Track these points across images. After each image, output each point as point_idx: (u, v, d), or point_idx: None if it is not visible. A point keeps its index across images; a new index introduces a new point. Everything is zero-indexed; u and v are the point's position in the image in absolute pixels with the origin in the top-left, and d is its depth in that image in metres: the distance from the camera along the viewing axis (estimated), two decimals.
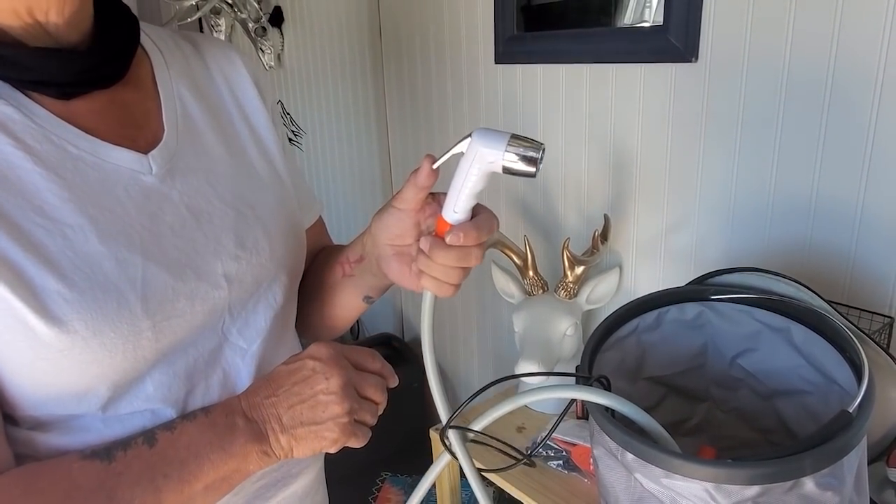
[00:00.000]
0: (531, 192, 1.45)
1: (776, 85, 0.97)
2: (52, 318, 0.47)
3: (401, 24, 1.74)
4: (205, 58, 0.68)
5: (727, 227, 1.09)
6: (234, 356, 0.60)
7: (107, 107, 0.56)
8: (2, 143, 0.49)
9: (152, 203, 0.55)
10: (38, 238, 0.48)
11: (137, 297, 0.51)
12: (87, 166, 0.52)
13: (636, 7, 1.17)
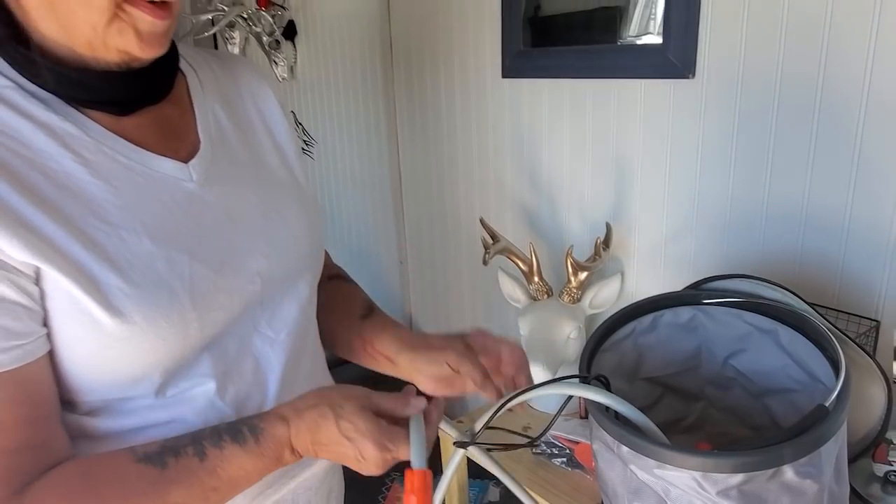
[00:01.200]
0: (537, 201, 1.51)
1: (769, 100, 1.02)
2: (114, 311, 0.53)
3: (411, 38, 1.80)
4: (234, 75, 0.75)
5: (724, 236, 1.14)
6: (263, 345, 0.66)
7: (152, 121, 0.62)
8: (63, 157, 0.55)
9: (194, 207, 0.61)
10: (99, 241, 0.54)
11: (186, 292, 0.57)
12: (136, 175, 0.58)
13: (641, 19, 1.22)
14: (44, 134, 0.54)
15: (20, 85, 0.55)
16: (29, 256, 0.50)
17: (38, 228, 0.51)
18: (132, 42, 0.54)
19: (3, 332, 0.50)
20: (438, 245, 1.93)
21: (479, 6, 1.52)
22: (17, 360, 0.51)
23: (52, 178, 0.54)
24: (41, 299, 0.52)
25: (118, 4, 0.52)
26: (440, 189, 1.84)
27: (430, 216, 1.92)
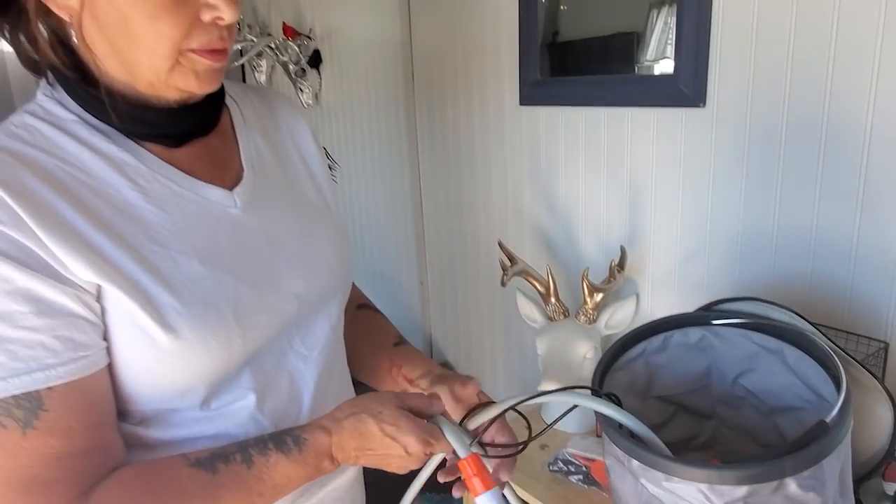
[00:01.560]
0: (553, 224, 1.55)
1: (777, 128, 1.06)
2: (168, 328, 0.58)
3: (432, 66, 1.87)
4: (272, 108, 0.81)
5: (736, 259, 1.17)
6: (297, 361, 0.71)
7: (200, 152, 0.68)
8: (121, 185, 0.60)
9: (238, 231, 0.66)
10: (154, 262, 0.59)
11: (231, 311, 0.62)
12: (187, 202, 0.64)
13: (658, 43, 1.26)
14: (105, 164, 0.60)
15: (84, 119, 0.60)
16: (92, 275, 0.55)
17: (101, 250, 0.56)
18: (192, 83, 0.60)
19: (71, 344, 0.54)
20: (458, 267, 1.97)
21: (498, 36, 1.58)
22: (84, 370, 0.55)
23: (112, 204, 0.59)
24: (102, 315, 0.57)
25: (180, 52, 0.57)
26: (460, 212, 1.89)
27: (450, 239, 1.97)
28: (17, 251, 0.52)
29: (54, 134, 0.59)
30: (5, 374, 0.52)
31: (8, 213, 0.53)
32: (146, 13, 0.55)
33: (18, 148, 0.57)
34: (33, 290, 0.53)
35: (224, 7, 0.56)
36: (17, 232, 0.53)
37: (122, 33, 0.56)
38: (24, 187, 0.54)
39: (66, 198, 0.56)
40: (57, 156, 0.58)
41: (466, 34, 1.69)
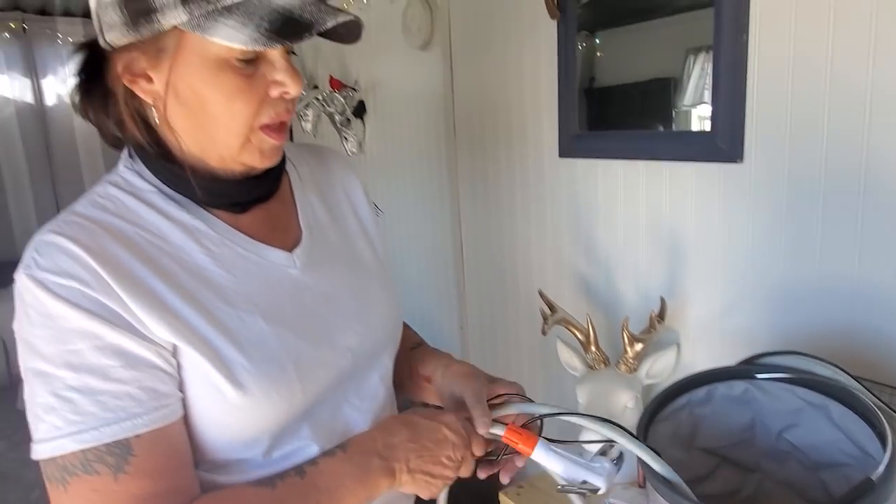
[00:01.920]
0: (593, 273, 1.58)
1: (816, 181, 1.08)
2: (236, 384, 0.63)
3: (473, 117, 1.94)
4: (327, 167, 0.87)
5: (777, 311, 1.18)
6: (351, 412, 0.75)
7: (263, 216, 0.73)
8: (193, 250, 0.66)
9: (298, 291, 0.71)
10: (224, 322, 0.64)
11: (293, 366, 0.67)
12: (251, 264, 0.69)
13: (696, 89, 1.30)
14: (179, 230, 0.66)
15: (160, 189, 0.67)
16: (169, 335, 0.60)
17: (177, 311, 0.62)
18: (256, 159, 0.66)
19: (154, 394, 0.60)
20: (498, 314, 2.00)
21: (537, 88, 1.64)
22: (165, 419, 0.60)
23: (186, 267, 0.65)
24: (177, 370, 0.62)
25: (251, 129, 0.64)
26: (500, 259, 1.93)
27: (491, 285, 2.01)
28: (105, 311, 0.58)
29: (134, 204, 0.65)
30: (97, 423, 0.57)
31: (95, 278, 0.58)
32: (223, 95, 0.61)
33: (103, 217, 0.63)
34: (120, 346, 0.58)
35: (290, 82, 0.63)
36: (103, 295, 0.58)
37: (201, 114, 0.63)
38: (108, 253, 0.60)
39: (145, 262, 0.62)
40: (137, 223, 0.64)
41: (507, 87, 1.76)
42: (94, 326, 0.57)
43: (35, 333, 0.58)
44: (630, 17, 1.50)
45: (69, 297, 0.57)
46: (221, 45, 0.58)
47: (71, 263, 0.58)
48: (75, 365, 0.57)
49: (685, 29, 1.34)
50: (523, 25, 1.66)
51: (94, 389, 0.57)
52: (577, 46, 1.50)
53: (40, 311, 0.57)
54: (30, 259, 0.59)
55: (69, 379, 0.57)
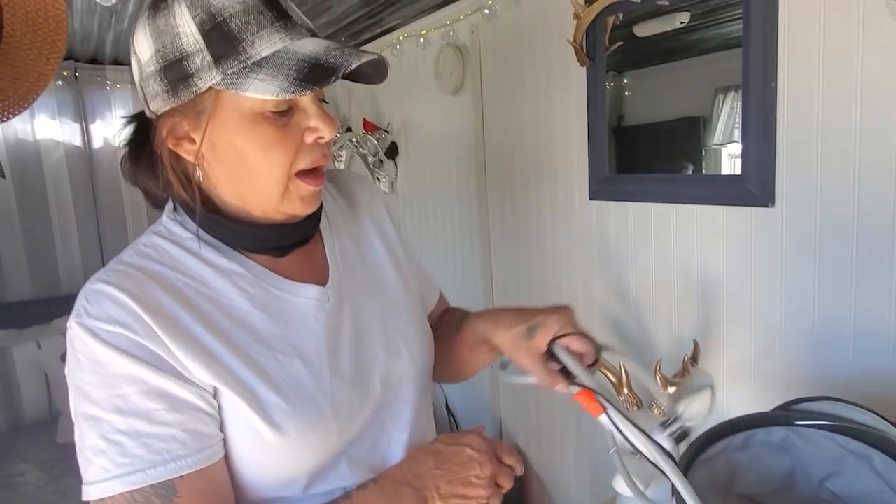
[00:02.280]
0: (624, 315, 1.58)
1: (848, 224, 1.08)
2: (273, 425, 0.65)
3: (503, 159, 1.98)
4: (351, 195, 0.88)
5: (812, 354, 1.17)
6: (389, 445, 0.76)
7: (299, 256, 0.76)
8: (232, 293, 0.68)
9: (331, 326, 0.73)
10: (262, 364, 0.66)
11: (329, 406, 0.68)
12: (287, 304, 0.71)
13: (725, 128, 1.32)
14: (217, 275, 0.69)
15: (199, 236, 0.70)
16: (210, 378, 0.63)
17: (217, 355, 0.64)
18: (297, 206, 0.69)
19: (198, 436, 0.62)
20: None
21: (567, 130, 1.68)
22: (208, 459, 0.63)
23: (225, 311, 0.67)
24: (218, 411, 0.65)
25: (289, 177, 0.66)
26: (531, 300, 1.94)
27: None
28: (150, 356, 0.61)
29: (176, 251, 0.69)
30: (144, 465, 0.60)
31: (141, 325, 0.62)
32: (260, 147, 0.64)
33: (148, 265, 0.67)
34: (165, 389, 0.62)
35: (323, 127, 0.66)
36: (148, 340, 0.61)
37: (242, 167, 0.66)
38: (152, 300, 0.63)
39: (186, 307, 0.65)
40: (179, 270, 0.68)
41: (537, 131, 1.80)
42: (139, 371, 0.61)
43: (85, 379, 0.61)
44: (658, 57, 1.53)
45: (116, 343, 0.61)
46: (255, 99, 0.61)
47: (118, 310, 0.61)
48: (123, 409, 0.60)
49: (713, 68, 1.36)
50: (552, 70, 1.70)
51: (140, 433, 0.60)
52: (605, 90, 1.53)
53: (90, 358, 0.61)
54: (80, 307, 0.63)
55: (117, 422, 0.60)
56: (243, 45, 0.60)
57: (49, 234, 3.00)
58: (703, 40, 1.42)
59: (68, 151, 3.01)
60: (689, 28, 1.39)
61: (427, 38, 2.20)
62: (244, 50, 0.61)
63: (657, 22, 1.44)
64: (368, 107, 2.86)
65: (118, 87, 3.06)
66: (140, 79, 0.66)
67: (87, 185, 3.05)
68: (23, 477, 2.27)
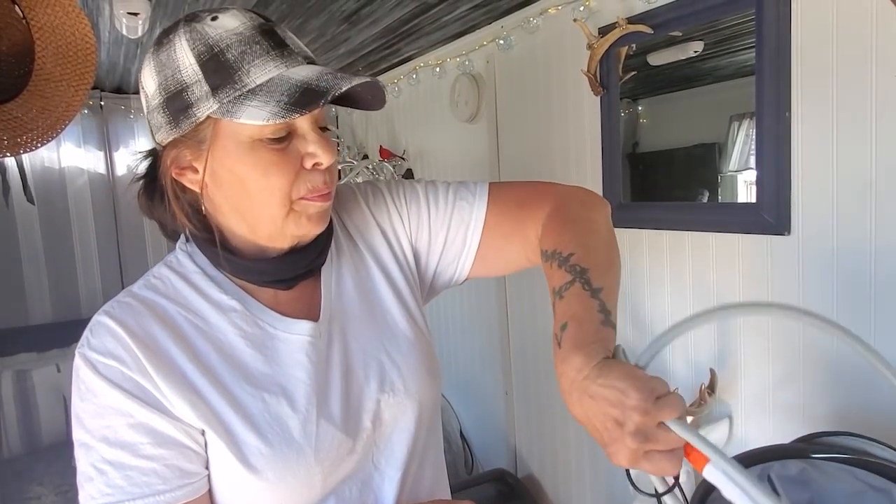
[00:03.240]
0: (640, 342, 1.57)
1: (866, 253, 1.07)
2: (251, 468, 0.64)
3: None
4: (343, 220, 0.82)
5: (832, 385, 1.15)
6: (381, 481, 0.74)
7: (299, 291, 0.74)
8: (228, 330, 0.68)
9: (322, 363, 0.71)
10: (245, 403, 0.66)
11: (312, 450, 0.67)
12: (280, 342, 0.70)
13: (741, 155, 1.32)
14: (215, 311, 0.69)
15: (204, 270, 0.71)
16: (195, 418, 0.64)
17: (203, 394, 0.64)
18: (304, 226, 0.67)
19: (179, 472, 0.63)
20: (543, 378, 1.99)
21: (581, 158, 1.69)
22: (188, 496, 0.63)
23: (218, 347, 0.67)
24: (205, 448, 0.65)
25: (292, 201, 0.66)
26: (546, 325, 1.94)
27: (535, 350, 2.01)
28: (139, 391, 0.63)
29: (181, 285, 0.70)
30: (124, 497, 0.61)
31: (134, 360, 0.63)
32: (258, 171, 0.64)
33: (151, 298, 0.68)
34: (151, 424, 0.63)
35: (321, 153, 0.65)
36: (139, 376, 0.63)
37: (243, 193, 0.66)
38: (148, 337, 0.65)
39: (180, 344, 0.66)
40: (181, 304, 0.69)
41: (551, 159, 1.82)
42: (127, 405, 0.62)
43: (82, 407, 0.63)
44: (672, 84, 1.55)
45: (110, 375, 0.62)
46: (253, 126, 0.62)
47: (115, 344, 0.63)
48: (110, 440, 0.62)
49: (728, 96, 1.37)
50: (567, 99, 1.72)
51: (124, 464, 0.61)
52: (619, 119, 1.54)
53: (87, 387, 0.63)
54: (85, 338, 0.65)
55: (105, 452, 0.61)
56: (239, 74, 0.61)
57: (71, 259, 3.06)
58: (717, 68, 1.43)
59: (92, 178, 3.08)
60: (703, 56, 1.41)
61: (443, 68, 2.24)
62: (240, 79, 0.61)
63: (671, 51, 1.46)
64: (385, 134, 2.90)
65: (142, 116, 3.13)
66: (147, 112, 0.68)
67: (110, 211, 3.11)
68: (38, 501, 2.28)
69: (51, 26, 1.32)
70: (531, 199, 0.82)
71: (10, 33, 1.23)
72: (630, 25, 1.41)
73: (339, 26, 1.99)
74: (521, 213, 0.81)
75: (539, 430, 2.05)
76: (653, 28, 1.38)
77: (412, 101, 2.61)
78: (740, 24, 1.29)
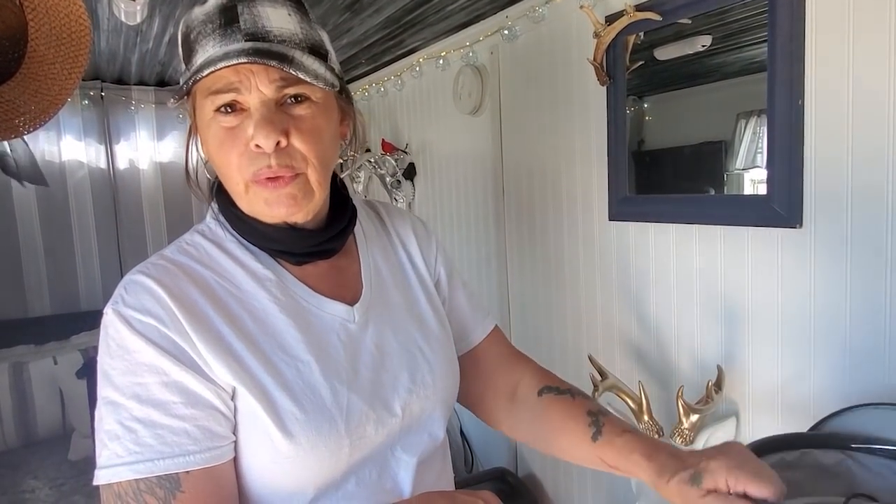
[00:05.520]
0: (645, 339, 1.53)
1: (881, 245, 1.03)
2: (286, 433, 0.63)
3: (522, 179, 1.96)
4: (387, 224, 0.88)
5: (843, 379, 1.12)
6: (398, 468, 0.74)
7: (328, 270, 0.76)
8: (262, 297, 0.69)
9: (354, 345, 0.72)
10: (280, 369, 0.66)
11: (343, 421, 0.67)
12: (312, 316, 0.71)
13: (748, 153, 1.28)
14: (250, 278, 0.70)
15: (238, 240, 0.72)
16: (230, 378, 0.63)
17: (240, 357, 0.65)
18: (263, 210, 0.68)
19: (210, 434, 0.62)
20: None
21: (587, 152, 1.65)
22: (217, 459, 0.62)
23: (253, 314, 0.68)
24: (234, 413, 0.64)
25: (246, 186, 0.67)
26: (548, 323, 1.91)
27: (538, 349, 1.97)
28: (175, 350, 0.62)
29: (215, 252, 0.71)
30: (153, 455, 0.59)
31: (171, 318, 0.63)
32: (214, 145, 0.67)
33: (186, 262, 0.69)
34: (185, 384, 0.62)
35: (256, 133, 0.64)
36: (176, 335, 0.62)
37: (214, 159, 0.69)
38: (186, 297, 0.65)
39: (217, 308, 0.66)
40: (215, 270, 0.69)
41: (556, 151, 1.78)
42: (163, 363, 0.61)
43: (112, 364, 0.62)
44: (679, 81, 1.51)
45: (146, 332, 0.62)
46: (212, 99, 0.65)
47: (153, 302, 0.63)
48: (142, 397, 0.61)
49: (735, 93, 1.34)
50: (572, 90, 1.69)
51: (155, 422, 0.60)
52: (626, 109, 1.51)
53: (119, 344, 0.62)
54: (118, 295, 0.65)
55: (135, 410, 0.60)
56: (193, 55, 0.66)
57: (70, 252, 3.03)
58: (724, 64, 1.40)
59: (92, 171, 3.05)
60: (710, 51, 1.37)
61: (447, 60, 2.21)
62: (192, 59, 0.66)
63: (678, 45, 1.42)
64: (387, 128, 2.87)
65: (142, 108, 3.11)
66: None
67: (110, 204, 3.09)
68: (32, 494, 2.25)
69: (45, 8, 1.29)
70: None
71: (4, 15, 1.21)
72: (638, 13, 1.37)
73: (342, 15, 1.96)
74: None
75: None
76: (661, 15, 1.34)
77: (415, 95, 2.58)
78: (749, 18, 1.26)
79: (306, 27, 0.68)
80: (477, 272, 2.29)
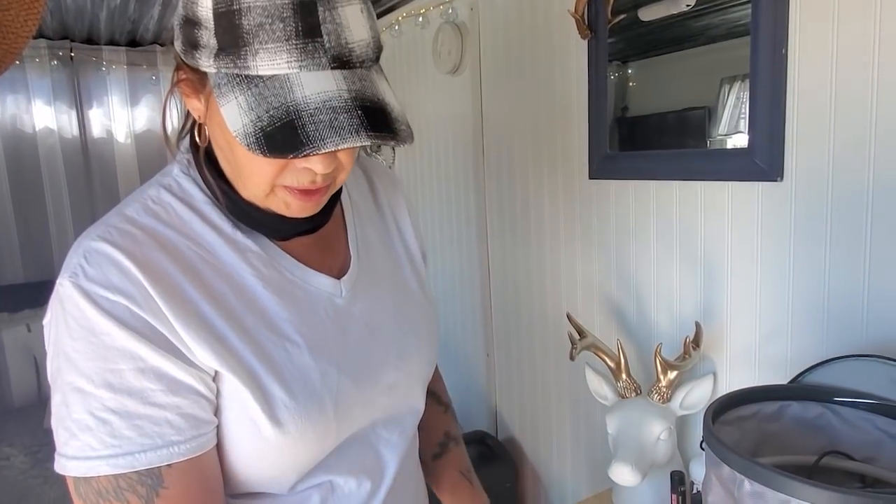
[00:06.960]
0: (624, 297, 1.52)
1: (861, 201, 1.02)
2: (275, 420, 0.59)
3: (502, 139, 1.92)
4: (377, 187, 0.82)
5: (821, 335, 1.11)
6: (381, 446, 0.71)
7: (314, 241, 0.69)
8: (244, 271, 0.62)
9: (342, 321, 0.67)
10: (269, 352, 0.60)
11: (332, 404, 0.63)
12: (298, 289, 0.65)
13: (731, 118, 1.26)
14: (230, 249, 0.62)
15: (212, 201, 0.63)
16: (214, 362, 0.57)
17: (224, 338, 0.58)
18: (282, 209, 0.61)
19: (194, 421, 0.56)
20: (525, 339, 1.95)
21: (567, 112, 1.62)
22: (202, 448, 0.57)
23: (235, 288, 0.61)
24: (216, 396, 0.59)
25: (273, 187, 0.59)
26: (528, 284, 1.89)
27: (517, 310, 1.96)
28: (151, 333, 0.55)
29: (188, 215, 0.61)
30: (133, 448, 0.53)
31: (144, 297, 0.55)
32: (247, 154, 0.55)
33: (155, 226, 0.59)
34: (163, 369, 0.55)
35: (317, 166, 0.56)
36: (151, 315, 0.55)
37: (231, 158, 0.59)
38: (159, 270, 0.56)
39: (194, 281, 0.58)
40: (189, 237, 0.60)
41: (536, 110, 1.74)
42: (138, 347, 0.54)
43: (75, 347, 0.54)
44: (662, 46, 1.47)
45: (116, 313, 0.54)
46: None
47: (121, 278, 0.55)
48: (115, 385, 0.54)
49: (719, 58, 1.31)
50: (553, 47, 1.64)
51: (132, 413, 0.54)
52: (607, 63, 1.47)
53: (83, 325, 0.54)
54: (77, 265, 0.55)
55: (107, 399, 0.54)
56: (245, 51, 0.51)
57: (43, 217, 2.97)
58: (709, 27, 1.36)
59: (63, 137, 2.97)
60: (695, 12, 1.34)
61: (426, 17, 2.15)
62: (244, 57, 0.51)
63: (663, 5, 1.38)
64: None
65: (114, 69, 3.01)
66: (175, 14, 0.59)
67: (82, 167, 3.01)
68: (7, 461, 2.22)
69: None
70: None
71: None
72: None
73: None
74: None
75: (520, 393, 2.01)
76: None
77: (394, 55, 2.51)
78: None
79: (374, 24, 0.58)
80: (457, 231, 2.26)
